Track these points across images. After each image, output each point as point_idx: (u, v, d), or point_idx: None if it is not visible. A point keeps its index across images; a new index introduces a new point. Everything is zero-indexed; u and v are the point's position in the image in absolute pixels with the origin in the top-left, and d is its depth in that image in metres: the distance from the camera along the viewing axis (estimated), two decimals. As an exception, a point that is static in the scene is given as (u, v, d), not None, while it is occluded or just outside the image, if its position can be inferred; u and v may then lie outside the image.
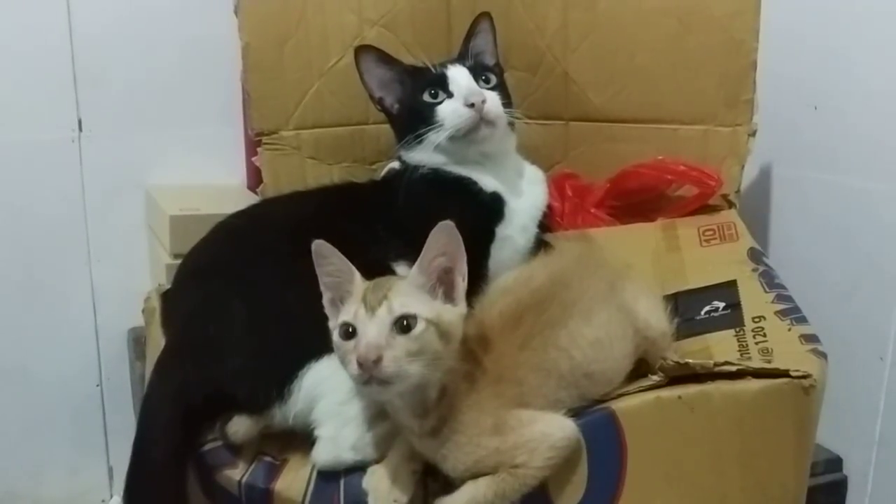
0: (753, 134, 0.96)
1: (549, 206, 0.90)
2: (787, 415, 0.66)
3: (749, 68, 0.95)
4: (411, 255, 0.75)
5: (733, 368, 0.66)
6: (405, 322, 0.60)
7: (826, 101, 1.00)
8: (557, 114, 1.07)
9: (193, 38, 1.11)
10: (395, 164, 0.91)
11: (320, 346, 0.67)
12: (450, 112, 0.83)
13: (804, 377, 0.66)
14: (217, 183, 1.15)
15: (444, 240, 0.62)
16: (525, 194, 0.87)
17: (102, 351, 1.17)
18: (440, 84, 0.85)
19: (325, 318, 0.66)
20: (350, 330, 0.61)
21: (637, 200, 1.00)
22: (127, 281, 1.11)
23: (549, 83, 1.06)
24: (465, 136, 0.82)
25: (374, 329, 0.59)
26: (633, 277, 0.76)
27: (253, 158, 1.00)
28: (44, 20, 1.07)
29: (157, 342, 0.77)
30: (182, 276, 0.78)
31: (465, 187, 0.84)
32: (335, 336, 0.62)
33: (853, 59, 0.96)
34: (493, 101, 0.84)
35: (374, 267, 0.74)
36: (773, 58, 0.95)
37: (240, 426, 0.69)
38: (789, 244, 1.03)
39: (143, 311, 0.86)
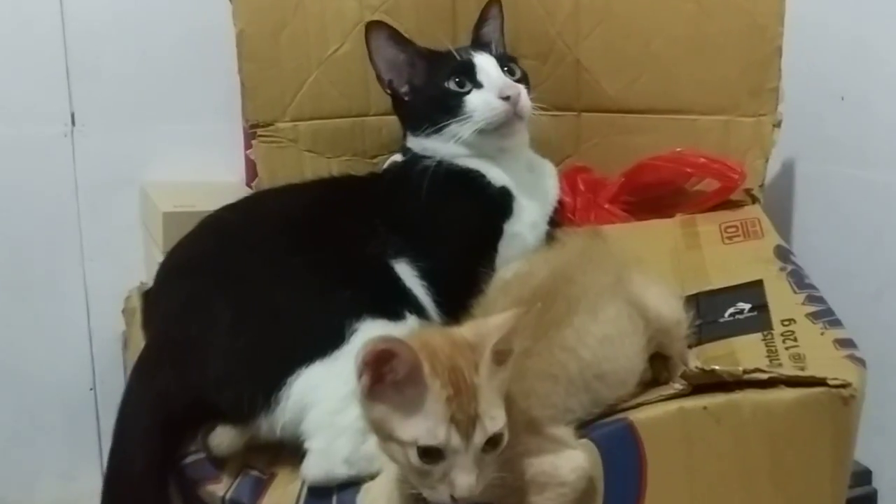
0: (778, 124, 0.93)
1: (561, 202, 0.89)
2: (824, 427, 0.62)
3: (774, 54, 0.92)
4: (411, 252, 0.74)
5: (765, 376, 0.61)
6: (492, 439, 0.53)
7: (853, 91, 0.97)
8: (569, 104, 1.04)
9: (191, 28, 1.09)
10: (398, 157, 0.89)
11: (311, 350, 0.65)
12: (481, 104, 0.81)
13: (843, 386, 0.61)
14: (216, 179, 1.12)
15: (522, 320, 0.54)
16: (535, 189, 0.86)
17: (96, 353, 1.15)
18: (467, 72, 0.82)
19: (318, 321, 0.63)
20: (432, 452, 0.52)
21: (653, 195, 0.97)
22: (121, 281, 1.07)
23: (560, 72, 1.04)
24: (496, 130, 0.80)
25: (470, 463, 0.52)
26: (639, 268, 0.72)
27: (247, 151, 0.99)
28: (35, 9, 1.05)
29: (138, 345, 0.74)
30: (164, 274, 0.75)
31: (473, 181, 0.82)
32: (410, 455, 0.52)
33: (882, 46, 0.93)
34: (524, 94, 0.82)
35: (371, 263, 0.72)
36: (797, 45, 0.93)
37: (223, 437, 0.66)
38: (813, 244, 1.00)
39: (123, 311, 0.83)
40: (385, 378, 0.52)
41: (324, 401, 0.65)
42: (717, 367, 0.62)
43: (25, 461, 1.13)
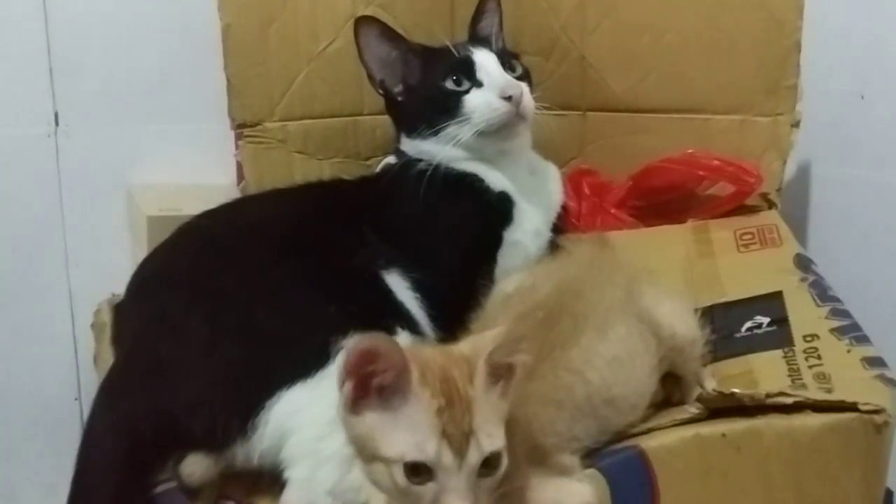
0: (797, 124, 0.90)
1: (565, 207, 0.87)
2: (855, 457, 0.58)
3: (792, 50, 0.89)
4: (403, 261, 0.71)
5: (789, 400, 0.58)
6: (489, 461, 0.49)
7: (874, 90, 0.95)
8: (573, 103, 1.00)
9: (180, 23, 1.05)
10: (392, 159, 0.86)
11: (293, 370, 0.62)
12: (481, 104, 0.78)
13: (876, 412, 0.57)
14: (206, 182, 1.08)
15: (524, 330, 0.51)
16: (537, 194, 0.83)
17: (81, 362, 1.11)
18: (466, 70, 0.79)
19: (301, 339, 0.60)
20: (421, 470, 0.48)
21: (663, 200, 0.94)
22: (108, 288, 1.03)
23: (564, 69, 1.01)
24: (497, 131, 0.78)
25: (465, 485, 0.48)
26: (652, 281, 0.69)
27: (233, 154, 0.96)
28: (17, 4, 1.02)
29: (108, 364, 0.70)
30: (135, 287, 0.72)
31: (471, 185, 0.79)
32: (396, 474, 0.48)
33: (905, 42, 0.92)
34: (527, 93, 0.79)
35: (360, 275, 0.69)
36: (814, 40, 0.90)
37: (196, 466, 0.62)
38: (829, 251, 0.96)
39: (92, 326, 0.80)
40: (370, 387, 0.48)
41: (306, 426, 0.61)
42: (736, 390, 0.59)
43: (9, 472, 1.10)
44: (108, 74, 1.04)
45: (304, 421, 0.61)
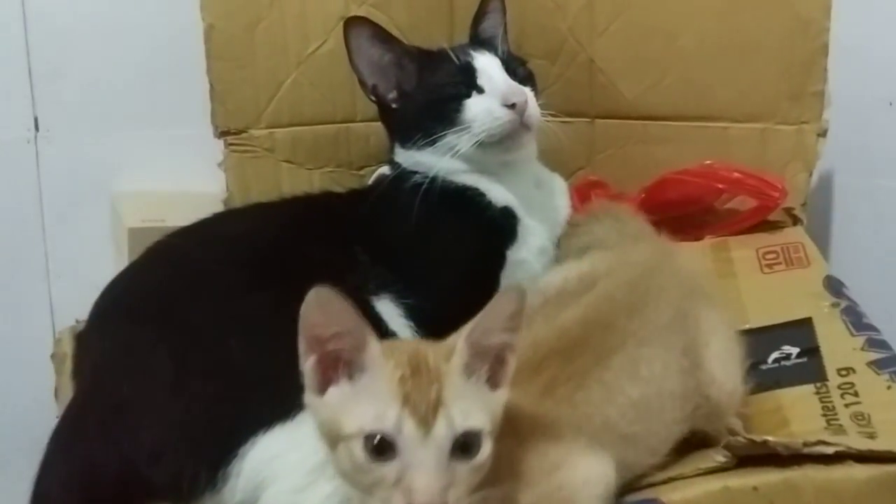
0: (824, 134, 0.87)
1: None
2: None
3: (819, 53, 0.86)
4: (396, 286, 0.67)
5: (830, 450, 0.53)
6: (465, 442, 0.46)
7: None
8: (581, 110, 0.97)
9: (166, 26, 1.02)
10: (386, 169, 0.83)
11: (271, 411, 0.57)
12: (482, 112, 0.75)
13: None
14: (193, 190, 1.06)
15: (514, 309, 0.48)
16: (543, 209, 0.80)
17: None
18: (466, 75, 0.77)
19: (281, 375, 0.53)
20: (383, 445, 0.45)
21: (679, 214, 0.90)
22: (90, 301, 1.04)
23: (572, 73, 0.97)
24: (500, 142, 0.75)
25: (432, 461, 0.45)
26: (715, 303, 0.65)
27: (217, 164, 0.93)
28: None
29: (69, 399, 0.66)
30: (98, 314, 0.68)
31: (471, 200, 0.77)
32: (355, 449, 0.45)
33: (936, 47, 0.90)
34: (532, 100, 0.76)
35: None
36: (840, 44, 0.87)
37: None
38: (858, 268, 0.92)
39: (52, 356, 0.76)
40: (334, 366, 0.47)
41: (285, 476, 0.56)
42: (769, 438, 0.55)
43: (-18, 497, 1.11)
44: (90, 78, 1.02)
45: (283, 470, 0.56)
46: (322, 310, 0.46)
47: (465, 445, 0.45)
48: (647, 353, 0.57)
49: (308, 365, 0.48)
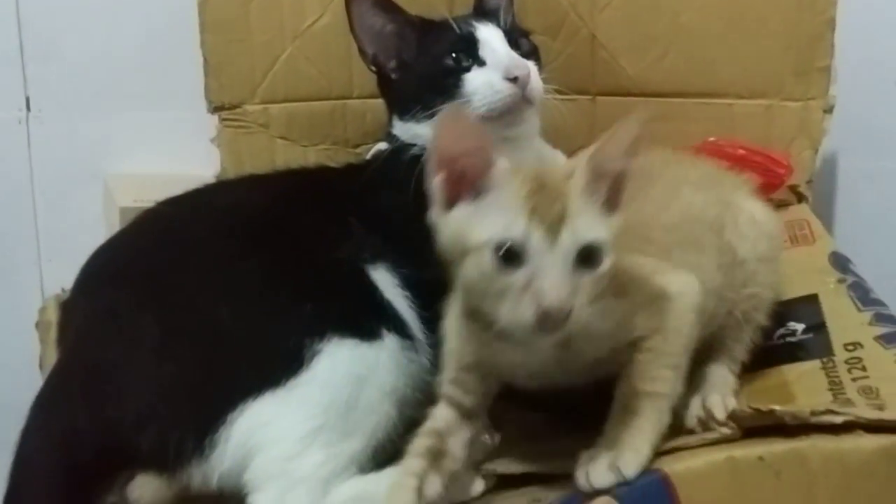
0: (830, 110, 0.86)
1: None
2: None
3: (825, 27, 0.85)
4: (392, 255, 0.66)
5: (839, 419, 0.52)
6: (589, 254, 0.49)
7: None
8: (583, 86, 0.95)
9: (160, 5, 1.01)
10: (383, 145, 0.81)
11: (260, 377, 0.57)
12: (483, 84, 0.73)
13: None
14: (187, 172, 1.03)
15: (634, 135, 0.50)
16: None
17: None
18: (467, 46, 0.75)
19: (271, 342, 0.55)
20: (511, 253, 0.48)
21: None
22: None
23: (573, 48, 0.95)
24: (501, 116, 0.74)
25: (559, 267, 0.48)
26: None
27: (210, 139, 0.92)
28: None
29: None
30: (83, 281, 0.66)
31: None
32: (484, 258, 0.48)
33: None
34: (535, 74, 0.75)
35: (342, 270, 0.64)
36: (844, 24, 0.86)
37: (146, 488, 0.59)
38: (862, 251, 0.89)
39: (36, 325, 0.76)
40: (462, 182, 0.50)
41: (275, 443, 0.56)
42: (776, 407, 0.54)
43: (-25, 496, 1.09)
44: (82, 57, 1.01)
45: (273, 437, 0.56)
46: (454, 128, 0.50)
47: (587, 257, 0.48)
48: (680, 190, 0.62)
49: (436, 182, 0.51)
